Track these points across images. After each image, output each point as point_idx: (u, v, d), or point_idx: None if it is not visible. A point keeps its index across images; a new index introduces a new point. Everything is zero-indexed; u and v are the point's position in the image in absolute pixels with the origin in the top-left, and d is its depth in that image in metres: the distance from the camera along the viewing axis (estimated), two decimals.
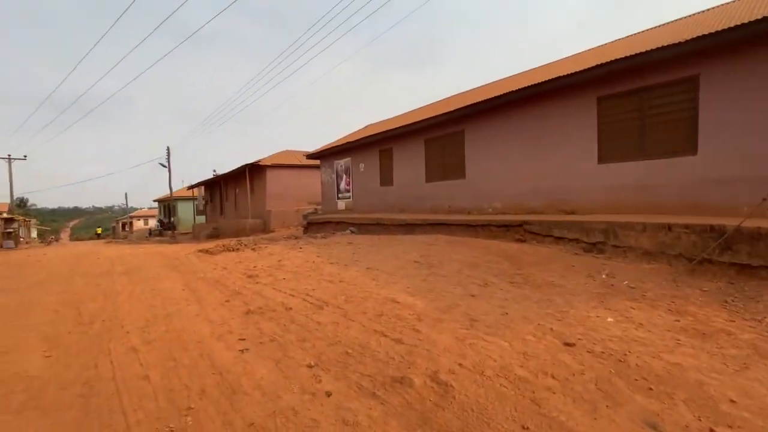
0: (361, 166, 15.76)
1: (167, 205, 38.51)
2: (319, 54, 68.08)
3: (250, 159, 21.50)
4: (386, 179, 14.47)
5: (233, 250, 9.34)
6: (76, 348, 3.97)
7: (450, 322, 3.82)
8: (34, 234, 49.43)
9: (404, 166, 13.56)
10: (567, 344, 3.19)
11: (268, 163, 21.64)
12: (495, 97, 9.59)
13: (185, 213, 37.61)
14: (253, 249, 9.42)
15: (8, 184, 31.38)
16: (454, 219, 9.64)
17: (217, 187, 28.75)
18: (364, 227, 12.57)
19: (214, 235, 22.20)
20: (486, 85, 14.21)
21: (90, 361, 3.60)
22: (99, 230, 61.21)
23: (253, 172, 21.76)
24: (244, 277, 6.65)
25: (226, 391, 2.89)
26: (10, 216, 29.88)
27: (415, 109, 16.70)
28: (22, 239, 31.44)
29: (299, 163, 22.37)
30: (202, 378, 3.13)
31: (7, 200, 33.49)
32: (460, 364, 2.97)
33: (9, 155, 31.41)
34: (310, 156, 19.02)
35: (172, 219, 33.57)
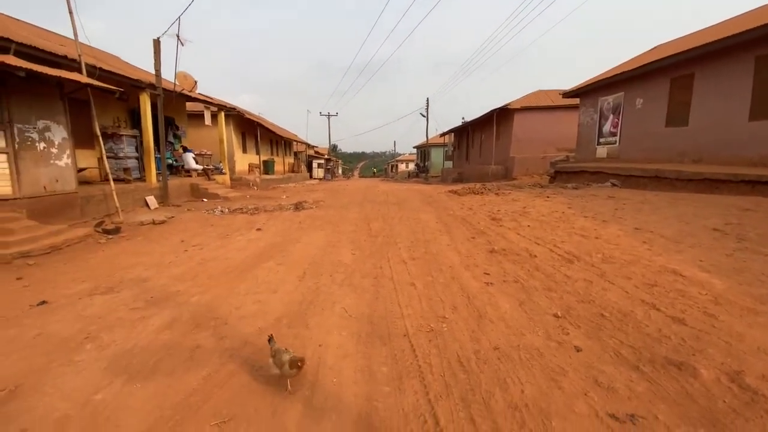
0: (639, 101, 12.57)
1: (423, 151, 44.17)
2: None
3: (499, 104, 21.16)
4: (677, 118, 11.03)
5: (478, 194, 9.82)
6: (369, 251, 5.37)
7: None
8: (339, 171, 68.72)
9: (711, 98, 9.84)
10: None
11: (517, 106, 20.66)
12: None
13: (437, 158, 42.09)
14: (497, 194, 9.57)
15: (327, 134, 44.31)
16: None
17: (464, 134, 30.32)
18: (631, 180, 10.31)
19: (459, 180, 23.97)
20: None
21: (377, 263, 4.79)
22: (375, 170, 77.95)
23: (500, 116, 21.44)
24: (487, 218, 6.94)
25: (473, 313, 3.22)
26: (327, 157, 42.46)
27: (731, 18, 11.40)
28: (334, 174, 44.48)
29: (551, 104, 20.22)
30: (453, 297, 3.59)
31: (326, 146, 47.74)
32: None
33: (328, 113, 44.00)
34: (567, 94, 16.73)
35: (426, 163, 38.45)
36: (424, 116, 36.15)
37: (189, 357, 2.66)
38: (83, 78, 7.11)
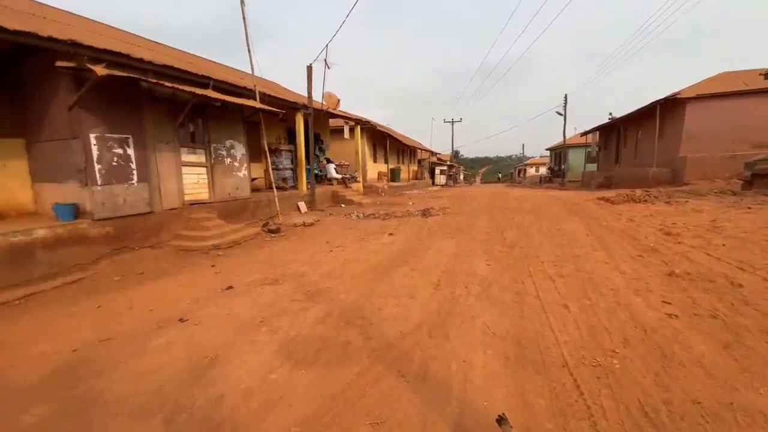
0: None
1: (558, 153, 39.92)
2: None
3: (660, 95, 17.56)
4: None
5: (639, 201, 8.25)
6: (505, 263, 5.00)
7: None
8: (461, 177, 67.80)
9: None
10: None
11: (691, 95, 16.78)
12: None
13: (576, 160, 37.50)
14: (668, 202, 7.87)
15: (450, 140, 44.01)
16: None
17: (613, 131, 26.20)
18: None
19: (605, 185, 20.73)
20: None
21: (516, 276, 4.41)
22: (500, 175, 74.19)
23: (664, 109, 17.76)
24: (658, 232, 5.72)
25: (654, 352, 2.62)
26: (450, 163, 42.23)
27: None
28: (456, 180, 43.96)
29: (743, 89, 15.78)
30: (623, 327, 3.00)
31: (449, 152, 47.53)
32: None
33: (452, 119, 43.75)
34: None
35: (562, 166, 34.60)
36: (561, 114, 32.67)
37: (342, 352, 2.85)
38: (258, 104, 8.63)
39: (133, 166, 6.10)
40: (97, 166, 5.55)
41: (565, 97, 32.05)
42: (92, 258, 5.45)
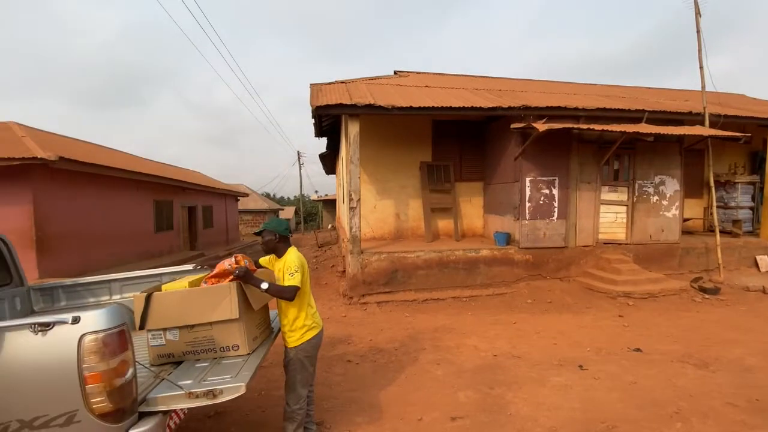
0: None
1: None
2: None
3: None
4: None
5: None
6: None
7: None
8: None
9: None
10: None
11: None
12: None
13: None
14: None
15: None
16: None
17: None
18: None
19: None
20: None
21: None
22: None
23: None
24: None
25: None
26: None
27: None
28: None
29: None
30: None
31: None
32: None
33: None
34: None
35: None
36: None
37: None
38: (705, 130, 6.96)
39: (555, 204, 6.79)
40: (527, 204, 6.68)
41: None
42: (514, 278, 6.62)
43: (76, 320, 1.46)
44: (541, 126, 5.82)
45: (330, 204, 30.79)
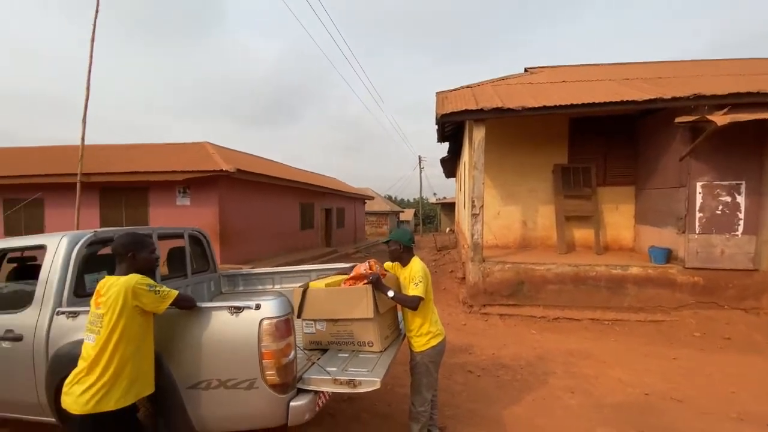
0: None
1: None
2: None
3: None
4: None
5: None
6: None
7: None
8: None
9: None
10: None
11: None
12: None
13: None
14: None
15: None
16: None
17: None
18: None
19: None
20: None
21: None
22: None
23: None
24: None
25: None
26: None
27: None
28: None
29: None
30: None
31: None
32: None
33: None
34: None
35: None
36: None
37: None
38: None
39: (740, 215, 5.37)
40: (698, 215, 5.45)
41: None
42: (675, 304, 5.48)
43: (258, 307, 1.84)
44: (720, 118, 4.70)
45: (448, 207, 30.67)
